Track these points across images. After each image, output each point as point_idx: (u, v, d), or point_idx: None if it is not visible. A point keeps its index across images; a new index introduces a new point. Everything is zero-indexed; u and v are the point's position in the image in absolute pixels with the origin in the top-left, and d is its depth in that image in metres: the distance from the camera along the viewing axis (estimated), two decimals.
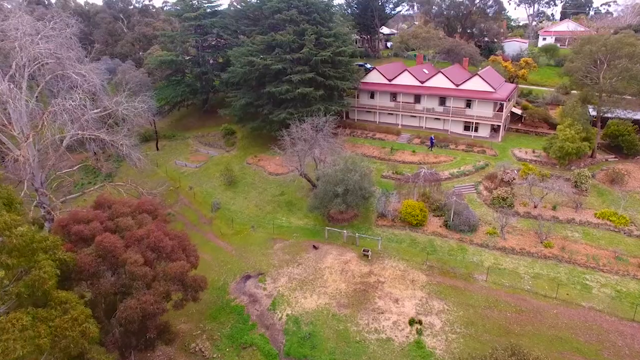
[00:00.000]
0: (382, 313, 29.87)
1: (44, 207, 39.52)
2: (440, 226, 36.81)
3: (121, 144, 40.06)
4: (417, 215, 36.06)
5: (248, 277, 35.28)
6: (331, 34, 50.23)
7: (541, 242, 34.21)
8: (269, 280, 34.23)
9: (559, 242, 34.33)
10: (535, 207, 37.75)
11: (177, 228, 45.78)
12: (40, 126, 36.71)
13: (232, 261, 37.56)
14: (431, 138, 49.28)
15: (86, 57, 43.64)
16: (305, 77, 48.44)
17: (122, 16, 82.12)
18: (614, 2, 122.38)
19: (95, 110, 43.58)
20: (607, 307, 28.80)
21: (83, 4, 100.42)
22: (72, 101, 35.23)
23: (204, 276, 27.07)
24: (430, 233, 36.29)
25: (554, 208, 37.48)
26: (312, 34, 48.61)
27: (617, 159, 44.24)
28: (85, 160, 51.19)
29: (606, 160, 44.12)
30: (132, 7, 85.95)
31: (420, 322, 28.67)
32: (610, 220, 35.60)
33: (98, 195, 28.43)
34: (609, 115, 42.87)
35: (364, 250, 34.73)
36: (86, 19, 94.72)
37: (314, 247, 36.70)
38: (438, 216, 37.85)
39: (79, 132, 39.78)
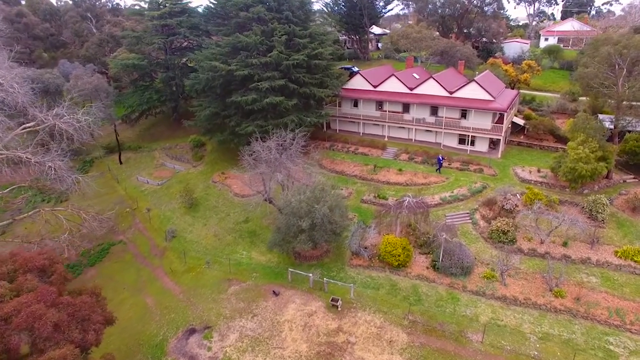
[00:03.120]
0: None
1: None
2: (428, 267, 30.35)
3: (49, 167, 33.60)
4: (399, 255, 29.61)
5: (192, 331, 28.90)
6: (306, 35, 43.77)
7: (550, 290, 27.79)
8: (216, 337, 27.85)
9: (572, 290, 27.91)
10: (542, 242, 31.34)
11: (126, 259, 39.76)
12: None
13: (177, 308, 31.19)
14: (439, 158, 41.38)
15: (8, 59, 36.95)
16: (275, 85, 41.99)
17: (89, 15, 75.53)
18: (617, 1, 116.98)
19: (26, 125, 37.36)
20: None
21: (55, 2, 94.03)
22: None
23: (111, 356, 20.59)
24: (415, 276, 29.83)
25: (564, 244, 31.06)
26: (282, 35, 42.17)
27: (637, 180, 37.82)
28: (27, 180, 44.61)
29: (624, 181, 37.71)
30: (99, 4, 79.27)
31: None
32: (635, 261, 29.16)
33: None
34: (629, 128, 36.44)
35: (332, 300, 28.30)
36: (57, 18, 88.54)
37: (274, 293, 30.28)
38: (425, 253, 31.41)
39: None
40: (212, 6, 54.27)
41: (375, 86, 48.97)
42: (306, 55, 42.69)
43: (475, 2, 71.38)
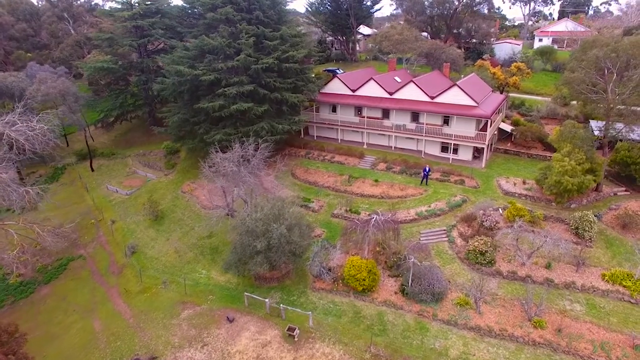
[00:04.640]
0: None
1: None
2: (396, 292, 27.67)
3: None
4: (364, 279, 26.97)
5: None
6: (276, 36, 41.14)
7: (529, 320, 25.12)
8: None
9: (553, 320, 25.23)
10: (523, 264, 28.65)
11: (83, 276, 37.12)
12: None
13: (125, 335, 28.60)
14: (424, 169, 38.12)
15: None
16: (243, 90, 39.41)
17: (66, 15, 72.90)
18: (615, 0, 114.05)
19: None
20: None
21: (35, 2, 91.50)
22: None
23: None
24: (382, 302, 27.16)
25: (547, 266, 28.37)
26: (250, 37, 39.56)
27: (628, 193, 35.10)
28: None
29: (615, 194, 34.98)
30: (76, 4, 76.57)
31: None
32: (624, 286, 26.48)
33: None
34: (620, 137, 33.71)
35: (288, 330, 25.67)
36: (37, 18, 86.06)
37: (228, 319, 27.66)
38: (395, 276, 28.75)
39: None
40: (187, 6, 51.82)
41: (353, 90, 46.31)
42: (276, 58, 40.08)
43: (464, 1, 68.53)
